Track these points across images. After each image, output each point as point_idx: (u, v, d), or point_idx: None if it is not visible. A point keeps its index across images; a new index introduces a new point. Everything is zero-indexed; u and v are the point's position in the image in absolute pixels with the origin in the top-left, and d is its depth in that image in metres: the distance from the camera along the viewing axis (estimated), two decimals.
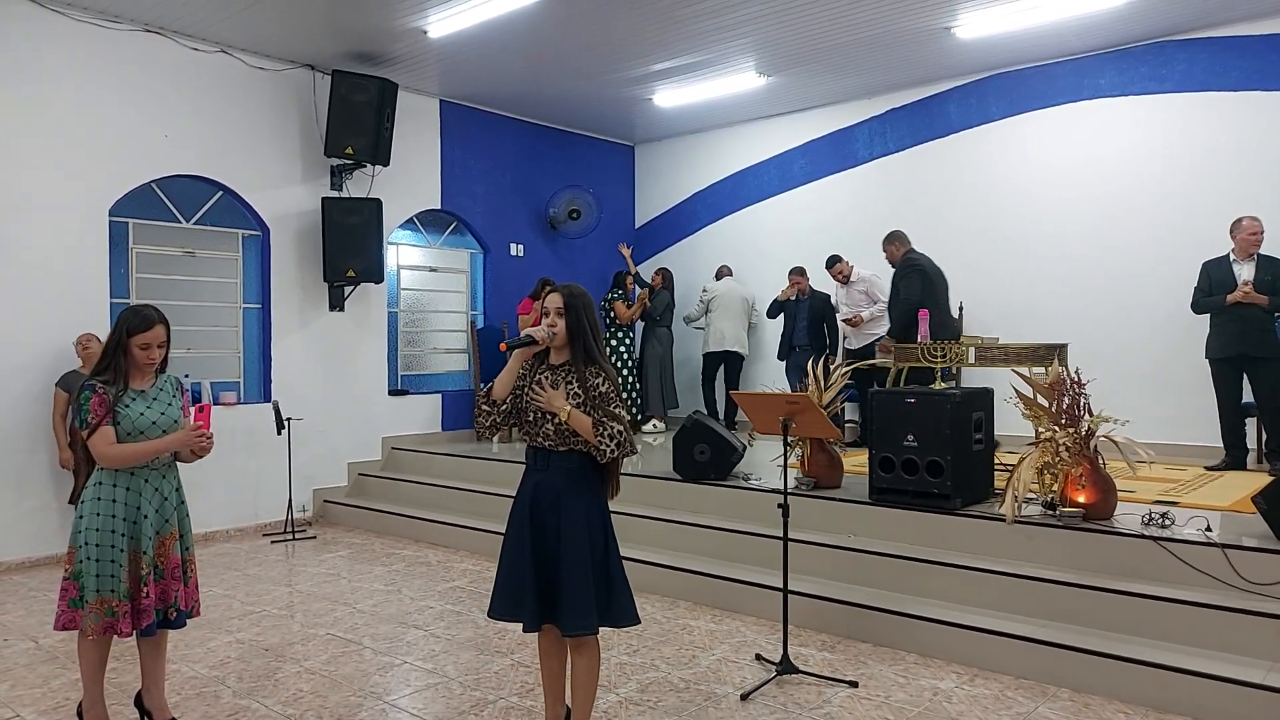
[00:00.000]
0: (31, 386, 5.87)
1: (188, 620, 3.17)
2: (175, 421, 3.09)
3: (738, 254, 9.36)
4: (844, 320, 7.78)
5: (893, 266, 7.00)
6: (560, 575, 2.82)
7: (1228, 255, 5.92)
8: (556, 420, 2.84)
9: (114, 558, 2.95)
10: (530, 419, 2.90)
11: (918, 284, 6.60)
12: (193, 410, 3.10)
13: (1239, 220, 5.90)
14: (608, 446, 2.82)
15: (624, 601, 2.92)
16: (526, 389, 2.91)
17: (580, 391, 2.86)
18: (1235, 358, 5.82)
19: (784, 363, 8.34)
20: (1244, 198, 6.37)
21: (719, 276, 9.10)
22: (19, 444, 5.84)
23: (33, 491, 5.89)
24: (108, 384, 2.99)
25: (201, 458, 3.11)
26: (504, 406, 2.92)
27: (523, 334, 2.92)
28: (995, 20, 6.51)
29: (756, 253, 9.20)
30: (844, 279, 7.83)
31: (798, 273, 8.21)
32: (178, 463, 3.19)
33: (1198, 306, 6.03)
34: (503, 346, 2.91)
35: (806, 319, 8.09)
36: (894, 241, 7.05)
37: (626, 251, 9.43)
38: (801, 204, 8.93)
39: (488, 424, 2.93)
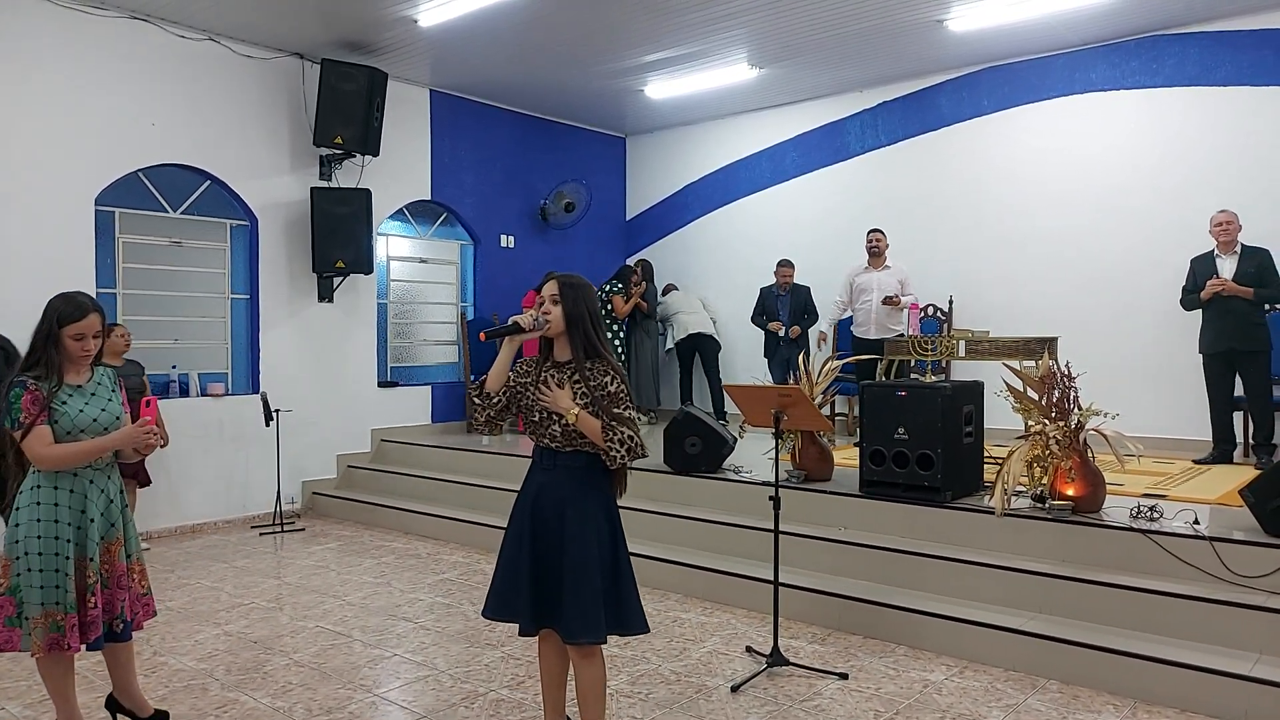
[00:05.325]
0: None
1: (132, 633, 2.96)
2: (117, 418, 2.86)
3: (729, 246, 9.35)
4: (884, 301, 7.17)
5: None
6: (564, 580, 2.68)
7: (1212, 250, 5.93)
8: (564, 421, 2.68)
9: (59, 566, 2.73)
10: (536, 419, 2.75)
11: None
12: (141, 405, 2.87)
13: (1213, 215, 5.93)
14: (618, 452, 2.66)
15: (633, 608, 2.77)
16: (533, 387, 2.75)
17: (587, 391, 2.69)
18: (1225, 353, 5.81)
19: (768, 359, 8.21)
20: (1234, 193, 6.38)
21: (665, 293, 9.28)
22: None
23: None
24: (40, 380, 2.74)
25: (146, 455, 2.91)
26: (498, 401, 2.76)
27: (509, 321, 2.71)
28: (987, 13, 6.50)
29: (748, 245, 9.18)
30: (880, 254, 7.26)
31: (787, 264, 8.16)
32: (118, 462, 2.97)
33: (1185, 303, 6.05)
34: (483, 336, 2.73)
35: (789, 312, 8.05)
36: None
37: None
38: (793, 196, 8.91)
39: (483, 419, 2.78)
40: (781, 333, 7.99)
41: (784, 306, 8.08)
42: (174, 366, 6.88)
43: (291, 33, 6.87)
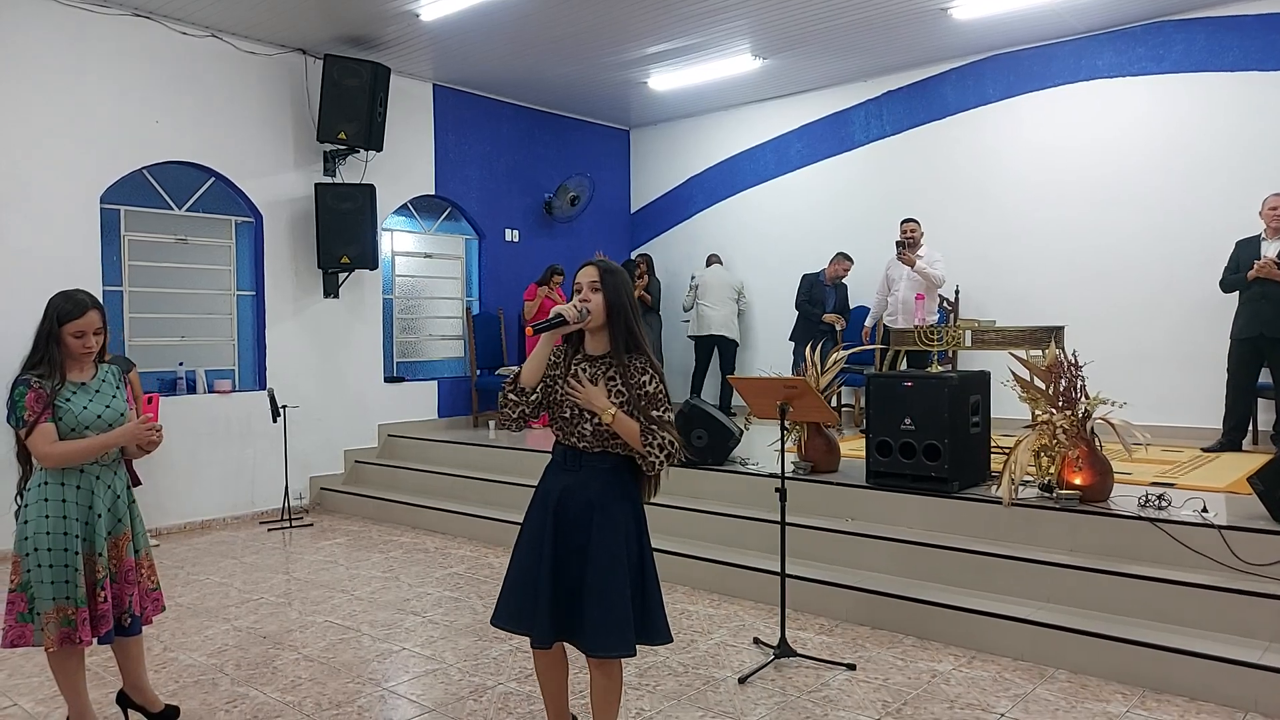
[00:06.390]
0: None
1: (142, 627, 3.00)
2: (121, 415, 2.89)
3: (735, 238, 9.33)
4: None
5: None
6: (587, 589, 2.50)
7: (1259, 234, 5.85)
8: (596, 420, 2.51)
9: (68, 562, 2.76)
10: (566, 415, 2.57)
11: None
12: (144, 402, 2.96)
13: (1266, 198, 5.83)
14: (656, 458, 2.50)
15: (658, 617, 2.62)
16: (562, 382, 2.57)
17: (624, 389, 2.52)
18: (1255, 338, 5.73)
19: (795, 342, 8.13)
20: (1242, 179, 6.35)
21: (708, 264, 9.09)
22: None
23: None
24: (43, 378, 2.78)
25: (150, 453, 2.93)
26: (534, 396, 2.57)
27: (552, 313, 2.54)
28: (992, 1, 6.45)
29: (753, 237, 9.17)
30: (915, 245, 7.02)
31: (846, 258, 8.03)
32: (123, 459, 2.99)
33: (1224, 284, 5.95)
34: (529, 330, 2.61)
35: (835, 305, 8.04)
36: None
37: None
38: (798, 187, 8.89)
39: (515, 415, 2.57)
40: (839, 326, 7.98)
41: (831, 298, 8.07)
42: (180, 363, 6.90)
43: (294, 29, 6.87)
